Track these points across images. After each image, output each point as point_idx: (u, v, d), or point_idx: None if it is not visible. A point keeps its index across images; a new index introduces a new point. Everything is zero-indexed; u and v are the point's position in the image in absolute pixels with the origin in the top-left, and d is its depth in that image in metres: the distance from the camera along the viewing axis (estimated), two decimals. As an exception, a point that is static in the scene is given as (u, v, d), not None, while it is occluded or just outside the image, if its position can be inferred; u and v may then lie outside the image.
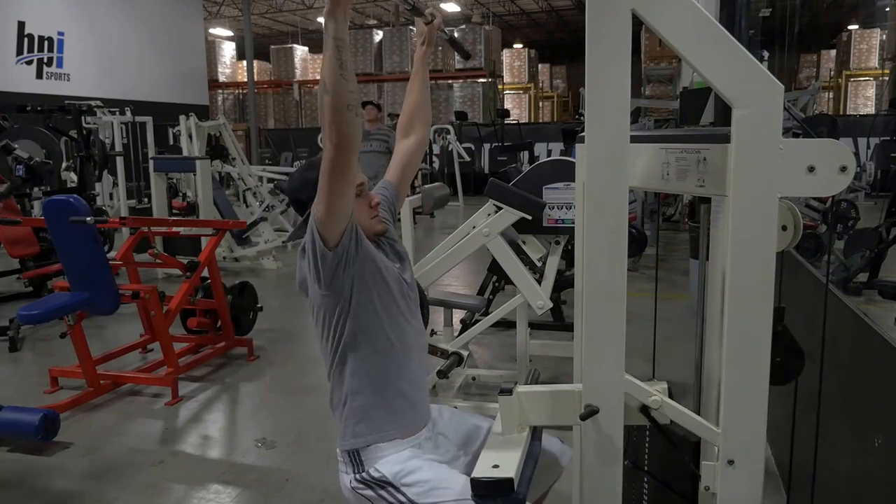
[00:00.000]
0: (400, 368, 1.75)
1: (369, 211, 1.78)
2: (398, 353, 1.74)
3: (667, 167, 1.41)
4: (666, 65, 13.70)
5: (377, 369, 1.72)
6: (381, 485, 1.67)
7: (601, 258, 1.30)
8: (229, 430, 3.51)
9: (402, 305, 1.76)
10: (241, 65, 19.05)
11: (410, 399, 1.76)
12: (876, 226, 5.76)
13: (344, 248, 1.59)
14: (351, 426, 1.72)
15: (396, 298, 1.74)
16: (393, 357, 1.73)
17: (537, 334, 4.25)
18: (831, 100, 17.92)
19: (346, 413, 1.73)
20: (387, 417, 1.71)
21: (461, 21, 19.49)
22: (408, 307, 1.79)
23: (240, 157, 8.00)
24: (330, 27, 1.41)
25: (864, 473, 1.74)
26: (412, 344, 1.79)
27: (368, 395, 1.71)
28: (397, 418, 1.72)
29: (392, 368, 1.73)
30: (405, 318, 1.77)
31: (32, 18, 12.45)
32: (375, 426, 1.70)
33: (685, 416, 1.36)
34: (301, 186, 1.80)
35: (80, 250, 3.59)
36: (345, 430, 1.73)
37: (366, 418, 1.71)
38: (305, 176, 1.80)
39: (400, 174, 2.04)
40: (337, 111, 1.43)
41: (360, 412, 1.71)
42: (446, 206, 7.64)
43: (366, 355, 1.71)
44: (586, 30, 1.24)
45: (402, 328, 1.76)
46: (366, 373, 1.71)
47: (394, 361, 1.73)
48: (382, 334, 1.71)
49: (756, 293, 1.24)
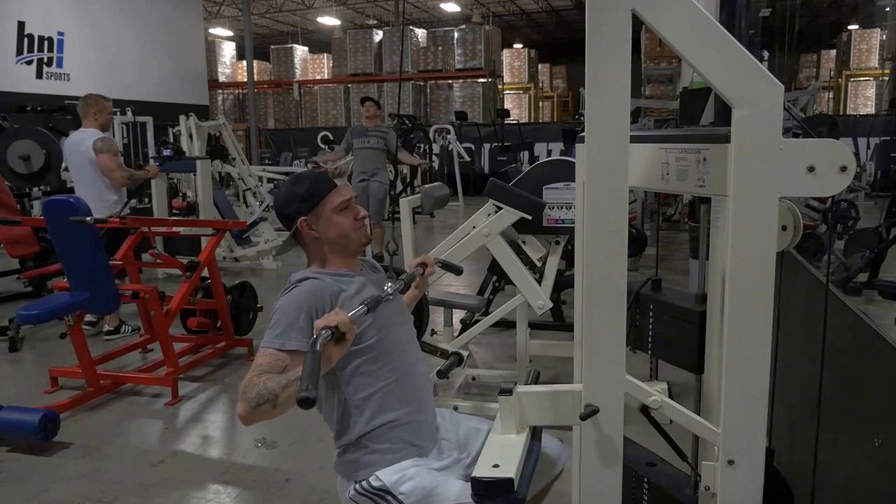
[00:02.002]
0: (405, 397, 1.76)
1: (354, 224, 1.81)
2: (401, 386, 1.76)
3: (667, 167, 1.41)
4: (666, 65, 13.71)
5: (382, 407, 1.73)
6: (380, 494, 1.67)
7: (601, 258, 1.30)
8: (229, 430, 3.50)
9: (391, 340, 1.77)
10: (241, 65, 19.05)
11: (419, 423, 1.77)
12: (876, 226, 5.76)
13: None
14: (360, 457, 1.73)
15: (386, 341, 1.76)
16: (394, 392, 1.74)
17: (537, 334, 4.25)
18: (831, 100, 17.92)
19: (353, 452, 1.75)
20: (396, 447, 1.73)
21: (461, 21, 19.49)
22: (396, 338, 1.80)
23: (240, 157, 8.00)
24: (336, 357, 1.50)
25: (864, 473, 1.74)
26: (406, 359, 1.81)
27: (379, 433, 1.73)
28: (407, 445, 1.74)
29: (395, 402, 1.74)
30: (399, 351, 1.79)
31: (32, 18, 12.44)
32: (384, 457, 1.72)
33: (685, 416, 1.36)
34: (288, 201, 1.81)
35: (80, 250, 3.58)
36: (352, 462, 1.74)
37: (374, 451, 1.73)
38: (292, 191, 1.81)
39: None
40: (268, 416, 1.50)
41: (369, 448, 1.73)
42: (446, 206, 7.63)
43: (367, 401, 1.73)
44: (586, 30, 1.24)
45: (400, 362, 1.77)
46: (370, 416, 1.73)
47: (395, 395, 1.75)
48: (383, 377, 1.74)
49: (756, 293, 1.24)
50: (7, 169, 6.00)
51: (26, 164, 6.02)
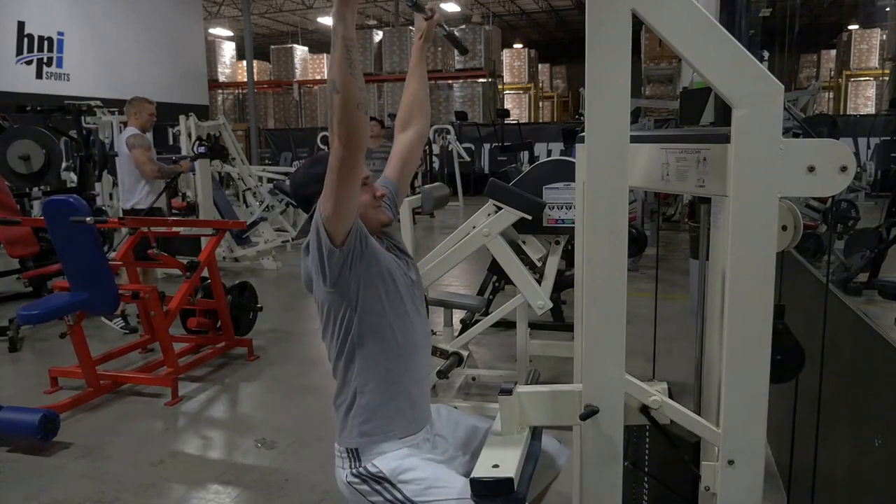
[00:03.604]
0: (406, 367, 1.75)
1: (373, 201, 1.78)
2: (404, 352, 1.74)
3: (667, 167, 1.41)
4: (666, 65, 13.70)
5: (384, 368, 1.72)
6: (378, 480, 1.67)
7: (601, 258, 1.30)
8: (229, 430, 3.50)
9: (409, 304, 1.76)
10: (240, 65, 19.05)
11: (413, 398, 1.76)
12: (876, 226, 5.76)
13: (350, 246, 1.59)
14: (357, 425, 1.72)
15: (403, 297, 1.74)
16: (400, 356, 1.73)
17: (537, 334, 4.25)
18: (831, 100, 17.92)
19: (352, 412, 1.73)
20: (392, 416, 1.72)
21: (461, 21, 19.48)
22: (414, 306, 1.79)
23: (239, 157, 8.00)
24: (339, 28, 1.41)
25: (864, 473, 1.74)
26: (418, 343, 1.79)
27: (375, 394, 1.71)
28: (401, 417, 1.73)
29: (398, 367, 1.73)
30: (411, 318, 1.77)
31: (32, 18, 12.44)
32: (381, 425, 1.71)
33: (685, 416, 1.36)
34: (305, 182, 1.79)
35: (80, 250, 3.58)
36: (350, 428, 1.73)
37: (372, 418, 1.71)
38: (310, 172, 1.79)
39: (400, 169, 2.01)
40: (347, 110, 1.44)
41: (367, 411, 1.71)
42: (446, 206, 7.64)
43: (373, 354, 1.71)
44: (586, 30, 1.24)
45: (409, 327, 1.76)
46: (373, 372, 1.71)
47: (400, 360, 1.73)
48: (390, 333, 1.71)
49: (756, 293, 1.24)
50: (7, 169, 6.00)
51: (26, 164, 6.03)
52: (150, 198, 4.94)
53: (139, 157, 4.82)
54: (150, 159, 4.89)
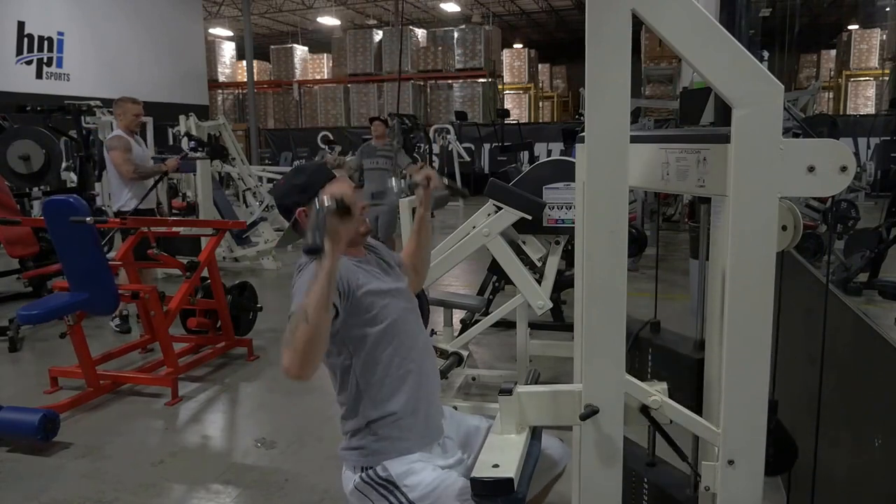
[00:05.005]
0: (416, 386, 1.77)
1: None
2: (410, 375, 1.76)
3: (667, 167, 1.41)
4: (666, 65, 13.71)
5: (393, 394, 1.74)
6: (385, 485, 1.68)
7: (601, 258, 1.30)
8: (229, 430, 3.51)
9: (403, 327, 1.78)
10: (240, 65, 19.06)
11: (425, 414, 1.78)
12: (876, 226, 5.76)
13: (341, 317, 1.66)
14: (370, 444, 1.74)
15: (398, 326, 1.76)
16: (406, 380, 1.75)
17: (537, 334, 4.25)
18: (831, 100, 17.93)
19: (363, 438, 1.75)
20: (405, 435, 1.74)
21: (461, 21, 19.49)
22: (407, 327, 1.81)
23: (239, 157, 8.00)
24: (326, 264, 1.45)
25: (864, 473, 1.74)
26: (421, 359, 1.81)
27: (389, 421, 1.73)
28: (414, 435, 1.75)
29: (406, 390, 1.75)
30: (411, 339, 1.80)
31: (32, 18, 12.45)
32: (394, 445, 1.73)
33: (685, 416, 1.36)
34: (288, 192, 1.82)
35: (80, 250, 3.58)
36: (361, 448, 1.74)
37: (384, 438, 1.73)
38: (291, 182, 1.82)
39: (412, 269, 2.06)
40: (312, 343, 1.45)
41: (379, 435, 1.73)
42: (446, 206, 7.64)
43: (379, 385, 1.73)
44: (586, 30, 1.24)
45: (411, 350, 1.78)
46: (381, 401, 1.73)
47: (406, 384, 1.75)
48: (394, 363, 1.74)
49: (756, 293, 1.24)
50: (7, 169, 6.00)
51: (26, 164, 6.03)
52: (133, 201, 4.80)
53: (115, 159, 4.74)
54: (126, 160, 4.76)
